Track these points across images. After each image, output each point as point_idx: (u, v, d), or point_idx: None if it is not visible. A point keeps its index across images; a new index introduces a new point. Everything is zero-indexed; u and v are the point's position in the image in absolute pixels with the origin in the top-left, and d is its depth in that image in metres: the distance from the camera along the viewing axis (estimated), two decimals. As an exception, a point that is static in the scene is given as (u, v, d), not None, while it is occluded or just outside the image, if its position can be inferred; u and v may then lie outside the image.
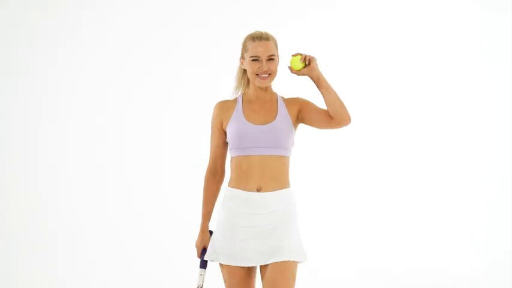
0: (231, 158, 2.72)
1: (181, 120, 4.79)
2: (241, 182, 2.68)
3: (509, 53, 4.62)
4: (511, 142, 4.64)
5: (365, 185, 4.68)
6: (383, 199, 4.66)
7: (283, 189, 2.69)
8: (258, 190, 2.66)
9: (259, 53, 2.66)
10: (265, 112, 2.73)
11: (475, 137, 4.66)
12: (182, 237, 4.54)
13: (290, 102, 2.75)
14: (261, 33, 2.70)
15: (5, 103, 4.89)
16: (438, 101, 4.68)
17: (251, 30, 2.70)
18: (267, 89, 2.75)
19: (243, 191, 2.68)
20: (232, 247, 2.66)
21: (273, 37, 2.70)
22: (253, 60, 2.67)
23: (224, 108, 2.75)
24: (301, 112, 2.71)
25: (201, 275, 2.69)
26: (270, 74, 2.68)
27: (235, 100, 2.77)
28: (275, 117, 2.70)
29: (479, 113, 4.67)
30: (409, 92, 4.69)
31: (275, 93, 2.79)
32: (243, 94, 2.79)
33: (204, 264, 2.71)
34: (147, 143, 4.82)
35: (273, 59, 2.67)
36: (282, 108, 2.73)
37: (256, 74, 2.67)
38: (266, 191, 2.66)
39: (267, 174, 2.66)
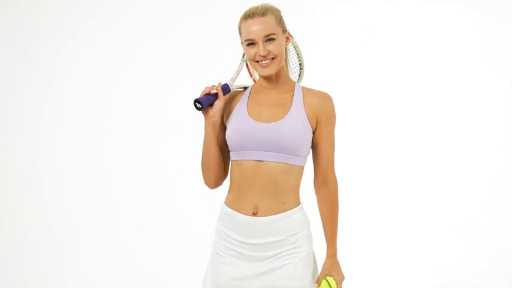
0: (230, 163, 2.20)
1: (182, 120, 4.78)
2: (236, 199, 2.13)
3: (509, 57, 4.62)
4: (511, 142, 4.64)
5: (364, 185, 4.69)
6: (381, 199, 4.66)
7: (287, 212, 2.10)
8: (254, 214, 2.09)
9: (252, 34, 2.05)
10: (275, 106, 2.12)
11: (475, 138, 4.66)
12: (184, 238, 4.56)
13: (311, 97, 2.13)
14: (256, 8, 2.09)
15: (6, 103, 4.89)
16: (439, 103, 4.68)
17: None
18: (279, 77, 2.15)
19: (237, 213, 2.12)
20: (222, 279, 2.16)
21: (272, 9, 2.09)
22: (248, 44, 2.08)
23: (230, 99, 2.21)
24: (318, 126, 2.11)
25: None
26: (273, 58, 2.08)
27: (246, 90, 2.23)
28: (287, 113, 2.09)
29: (479, 114, 4.66)
30: (411, 95, 4.69)
31: (292, 81, 2.19)
32: (255, 82, 2.24)
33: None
34: (147, 144, 4.81)
35: (273, 39, 2.06)
36: (298, 102, 2.11)
37: (257, 61, 2.09)
38: (263, 215, 2.09)
39: (267, 189, 2.08)
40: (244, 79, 2.32)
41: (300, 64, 2.27)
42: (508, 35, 4.59)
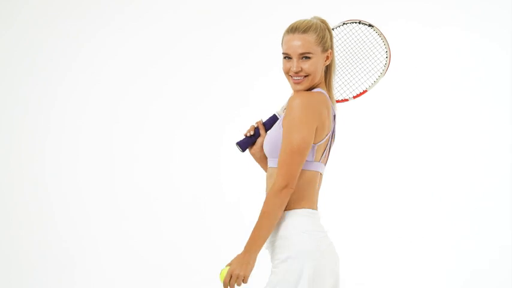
0: None
1: (195, 124, 4.77)
2: None
3: (508, 81, 4.63)
4: (511, 142, 4.66)
5: (365, 185, 4.69)
6: (381, 199, 4.67)
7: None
8: None
9: (289, 49, 2.06)
10: None
11: (475, 139, 4.68)
12: (195, 241, 4.53)
13: None
14: (300, 22, 2.09)
15: (6, 104, 4.88)
16: (439, 109, 4.68)
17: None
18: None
19: None
20: None
21: (315, 27, 2.08)
22: (285, 57, 2.10)
23: None
24: None
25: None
26: (305, 76, 2.08)
27: None
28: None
29: (479, 116, 4.68)
30: (412, 104, 4.69)
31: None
32: None
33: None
34: (159, 148, 4.79)
35: (308, 58, 2.07)
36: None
37: (290, 75, 2.10)
38: None
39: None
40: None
41: (386, 52, 2.35)
42: (507, 58, 4.61)
